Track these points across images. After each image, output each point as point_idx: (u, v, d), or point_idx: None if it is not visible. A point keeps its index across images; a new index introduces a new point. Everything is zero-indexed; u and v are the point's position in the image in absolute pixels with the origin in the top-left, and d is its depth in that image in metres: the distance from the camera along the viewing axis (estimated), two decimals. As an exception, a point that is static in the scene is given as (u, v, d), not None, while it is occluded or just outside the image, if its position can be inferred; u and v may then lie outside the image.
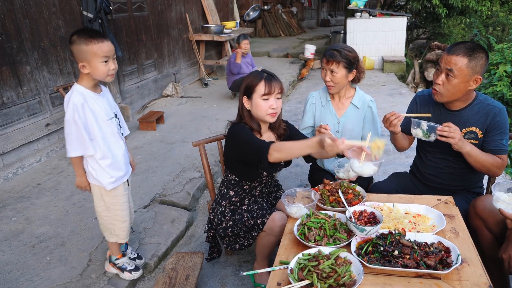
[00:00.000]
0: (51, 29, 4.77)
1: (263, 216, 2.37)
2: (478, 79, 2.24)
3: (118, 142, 2.46)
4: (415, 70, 8.79)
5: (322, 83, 2.89)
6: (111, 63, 2.24)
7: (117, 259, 2.73)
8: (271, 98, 2.30)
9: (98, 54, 2.16)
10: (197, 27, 8.92)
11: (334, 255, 1.70)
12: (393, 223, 2.02)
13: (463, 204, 2.40)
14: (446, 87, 2.28)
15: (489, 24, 11.22)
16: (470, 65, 2.19)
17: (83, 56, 2.17)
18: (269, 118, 2.34)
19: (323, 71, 2.75)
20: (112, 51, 2.23)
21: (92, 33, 2.19)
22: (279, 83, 2.32)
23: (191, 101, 7.36)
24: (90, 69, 2.20)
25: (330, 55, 2.66)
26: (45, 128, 4.72)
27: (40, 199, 3.81)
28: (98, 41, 2.16)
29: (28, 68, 4.46)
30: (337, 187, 2.33)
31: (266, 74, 2.33)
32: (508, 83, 6.17)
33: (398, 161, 4.61)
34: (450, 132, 2.17)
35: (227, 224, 2.52)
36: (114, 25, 5.99)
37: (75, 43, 2.16)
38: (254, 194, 2.60)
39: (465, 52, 2.19)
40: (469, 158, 2.30)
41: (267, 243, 2.44)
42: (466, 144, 2.25)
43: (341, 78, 2.69)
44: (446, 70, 2.24)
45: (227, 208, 2.56)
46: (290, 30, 16.27)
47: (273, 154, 2.08)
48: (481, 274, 1.63)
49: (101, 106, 2.33)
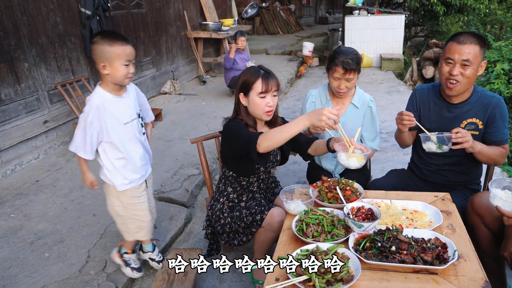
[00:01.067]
0: (49, 26, 4.77)
1: (261, 212, 2.38)
2: (484, 63, 2.30)
3: (136, 145, 2.48)
4: (413, 68, 8.80)
5: (320, 81, 2.90)
6: (131, 67, 2.26)
7: (126, 253, 2.75)
8: (268, 96, 2.30)
9: (121, 56, 2.19)
10: (195, 24, 8.90)
11: (332, 251, 1.71)
12: (391, 219, 2.03)
13: (461, 200, 2.41)
14: (464, 76, 2.29)
15: (487, 22, 11.24)
16: (481, 52, 2.24)
17: (105, 56, 2.18)
18: (265, 116, 2.34)
19: (336, 81, 2.69)
20: (134, 55, 2.26)
21: (116, 35, 2.22)
22: (275, 80, 2.33)
23: (189, 98, 7.36)
24: (110, 70, 2.21)
25: (348, 65, 2.58)
26: (43, 125, 4.72)
27: (39, 196, 3.81)
28: (122, 44, 2.19)
29: (26, 65, 4.46)
30: (335, 184, 2.34)
31: (263, 71, 2.33)
32: (506, 81, 6.19)
33: (396, 159, 4.63)
34: (463, 137, 2.16)
35: (225, 221, 2.53)
36: (112, 22, 5.98)
37: (98, 43, 2.18)
38: (252, 190, 2.60)
39: (476, 41, 2.23)
40: (480, 156, 2.33)
41: (266, 239, 2.45)
42: (477, 144, 2.26)
43: (355, 82, 2.73)
44: (462, 61, 2.24)
45: (225, 205, 2.57)
46: (288, 27, 16.26)
47: (262, 144, 2.07)
48: (477, 269, 1.64)
49: (121, 109, 2.34)
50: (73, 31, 5.19)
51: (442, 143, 2.25)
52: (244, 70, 2.43)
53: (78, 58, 5.32)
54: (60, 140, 5.02)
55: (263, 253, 2.57)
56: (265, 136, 2.08)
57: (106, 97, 2.28)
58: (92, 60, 5.59)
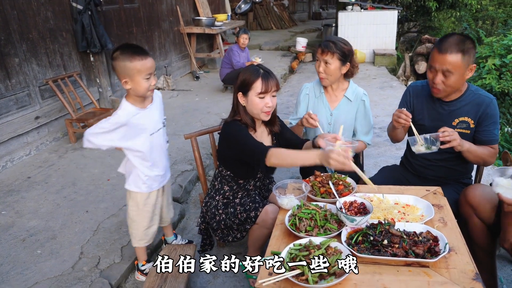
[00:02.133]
0: (39, 21, 4.72)
1: (255, 209, 2.38)
2: (473, 67, 2.27)
3: (161, 154, 2.53)
4: (406, 63, 8.83)
5: (313, 77, 2.91)
6: (153, 79, 2.27)
7: (143, 265, 2.75)
8: (267, 96, 2.27)
9: (142, 71, 2.19)
10: (188, 19, 8.86)
11: (325, 245, 1.72)
12: (383, 213, 2.05)
13: (452, 194, 2.43)
14: (446, 85, 2.29)
15: (478, 18, 11.31)
16: (464, 60, 2.20)
17: (126, 73, 2.19)
18: (263, 116, 2.32)
19: (317, 62, 2.75)
20: (154, 67, 2.27)
21: (136, 49, 2.22)
22: (275, 81, 2.30)
23: (183, 94, 7.34)
24: (132, 85, 2.22)
25: (325, 46, 2.65)
26: (35, 121, 4.69)
27: (30, 193, 3.79)
28: (142, 58, 2.19)
29: (16, 60, 4.42)
30: (328, 179, 2.35)
31: (263, 71, 2.29)
32: (497, 76, 6.24)
33: (389, 153, 4.65)
34: (450, 136, 2.17)
35: (220, 218, 2.53)
36: (104, 17, 5.94)
37: (118, 60, 2.18)
38: (248, 188, 2.60)
39: (457, 49, 2.18)
40: (468, 155, 2.33)
41: (260, 235, 2.45)
42: (465, 142, 2.27)
43: (335, 70, 2.70)
44: (442, 70, 2.24)
45: (220, 202, 2.57)
46: (282, 23, 16.23)
47: (271, 160, 2.09)
48: (468, 262, 1.66)
49: (146, 121, 2.37)
50: (65, 26, 5.15)
51: (431, 144, 2.27)
52: (244, 69, 2.38)
53: (69, 53, 5.27)
54: (52, 136, 4.98)
55: (256, 249, 2.58)
56: (276, 155, 2.09)
57: (132, 111, 2.30)
58: (84, 55, 5.58)
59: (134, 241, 2.66)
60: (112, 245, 3.00)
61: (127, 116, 2.27)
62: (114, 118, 2.25)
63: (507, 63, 6.22)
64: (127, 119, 2.26)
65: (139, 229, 2.61)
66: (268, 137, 2.55)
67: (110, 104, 5.85)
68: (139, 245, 2.68)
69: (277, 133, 2.55)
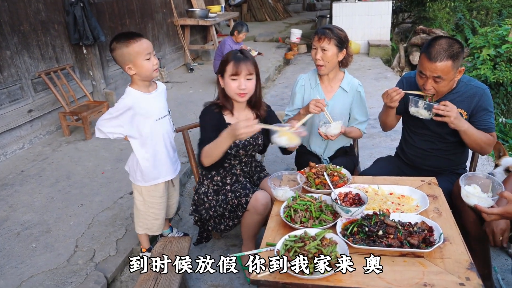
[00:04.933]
0: (31, 13, 4.66)
1: (246, 195, 2.41)
2: (462, 69, 2.29)
3: (167, 143, 2.55)
4: (401, 54, 8.82)
5: (308, 68, 2.89)
6: (153, 58, 2.31)
7: (143, 252, 2.80)
8: (239, 79, 2.32)
9: (140, 52, 2.23)
10: (181, 11, 8.79)
11: (320, 236, 1.72)
12: (378, 204, 2.05)
13: (447, 184, 2.44)
14: (437, 89, 2.30)
15: (473, 8, 11.28)
16: (454, 65, 2.20)
17: (127, 58, 2.24)
18: (238, 97, 2.37)
19: (314, 50, 2.74)
20: (151, 47, 2.30)
21: (128, 34, 2.25)
22: (249, 64, 2.34)
23: (177, 86, 7.30)
24: (136, 69, 2.27)
25: (322, 33, 2.66)
26: (28, 115, 4.64)
27: (24, 186, 3.76)
28: (136, 40, 2.23)
29: (8, 53, 4.36)
30: (323, 170, 2.35)
31: (237, 54, 2.37)
32: (491, 67, 6.25)
33: (384, 144, 4.66)
34: (446, 111, 2.17)
35: (210, 204, 2.55)
36: (97, 9, 5.87)
37: (116, 49, 2.24)
38: (235, 173, 2.62)
39: (447, 56, 2.18)
40: (465, 136, 2.31)
41: (252, 222, 2.47)
42: (463, 122, 2.25)
43: (332, 57, 2.69)
44: (433, 76, 2.24)
45: (210, 188, 2.59)
46: (276, 14, 16.13)
47: (204, 161, 2.28)
48: (462, 251, 1.66)
49: (152, 105, 2.41)
50: (57, 18, 5.09)
51: (428, 110, 2.27)
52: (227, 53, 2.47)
53: (62, 45, 5.22)
54: (46, 129, 4.95)
55: (250, 237, 2.58)
56: (204, 154, 2.27)
57: (136, 95, 2.35)
58: (76, 47, 5.52)
59: (138, 228, 2.72)
60: (107, 238, 2.99)
61: (133, 100, 2.32)
62: (120, 103, 2.31)
63: (502, 53, 6.23)
64: (132, 103, 2.31)
65: (143, 219, 2.65)
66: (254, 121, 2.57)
67: (103, 97, 5.81)
68: (141, 233, 2.73)
69: (264, 118, 2.58)
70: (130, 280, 2.76)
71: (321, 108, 2.50)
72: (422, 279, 1.53)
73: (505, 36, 6.37)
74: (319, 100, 2.52)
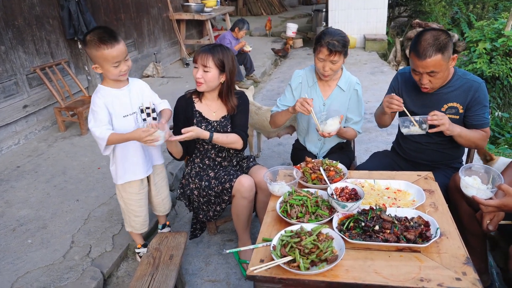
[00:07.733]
0: (25, 7, 4.62)
1: (230, 180, 2.49)
2: (455, 57, 2.27)
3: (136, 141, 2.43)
4: (397, 48, 8.81)
5: (304, 62, 2.88)
6: (123, 65, 2.27)
7: (138, 248, 2.79)
8: (198, 69, 2.45)
9: (108, 60, 2.20)
10: (177, 5, 8.74)
11: (316, 231, 1.71)
12: (374, 199, 2.05)
13: (444, 179, 2.44)
14: (434, 82, 2.30)
15: (469, 2, 11.27)
16: (444, 57, 2.19)
17: (94, 60, 2.23)
18: (196, 86, 2.51)
19: (320, 62, 2.63)
20: (123, 54, 2.24)
21: (103, 36, 2.16)
22: (209, 58, 2.41)
23: (173, 81, 7.27)
24: (102, 70, 2.26)
25: (333, 46, 2.52)
26: (23, 110, 4.61)
27: (20, 182, 3.75)
28: (107, 46, 2.16)
29: (2, 48, 4.33)
30: (319, 165, 2.34)
31: (208, 46, 2.47)
32: (487, 60, 6.25)
33: (380, 139, 4.66)
34: (439, 120, 2.18)
35: (195, 186, 2.63)
36: (92, 3, 5.82)
37: (87, 46, 2.21)
38: (211, 157, 2.70)
39: (435, 50, 2.17)
40: (460, 139, 2.33)
41: (241, 208, 2.52)
42: (456, 127, 2.27)
43: (340, 65, 2.66)
44: (427, 72, 2.24)
45: (193, 170, 2.69)
46: (272, 8, 16.06)
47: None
48: (459, 246, 1.67)
49: (121, 101, 2.37)
50: (51, 13, 5.04)
51: (421, 124, 2.27)
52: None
53: (57, 40, 5.18)
54: (41, 125, 4.92)
55: (244, 227, 2.60)
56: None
57: (106, 91, 2.34)
58: (72, 42, 5.48)
59: (126, 225, 2.73)
60: (103, 233, 2.99)
61: (102, 94, 2.32)
62: (92, 102, 2.31)
63: (498, 47, 6.23)
64: (103, 100, 2.30)
65: (127, 217, 2.66)
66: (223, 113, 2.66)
67: (99, 92, 5.77)
68: (129, 230, 2.74)
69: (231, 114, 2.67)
70: (127, 275, 2.76)
71: (306, 108, 2.45)
72: (419, 274, 1.53)
73: (501, 30, 6.37)
74: (306, 99, 2.46)
